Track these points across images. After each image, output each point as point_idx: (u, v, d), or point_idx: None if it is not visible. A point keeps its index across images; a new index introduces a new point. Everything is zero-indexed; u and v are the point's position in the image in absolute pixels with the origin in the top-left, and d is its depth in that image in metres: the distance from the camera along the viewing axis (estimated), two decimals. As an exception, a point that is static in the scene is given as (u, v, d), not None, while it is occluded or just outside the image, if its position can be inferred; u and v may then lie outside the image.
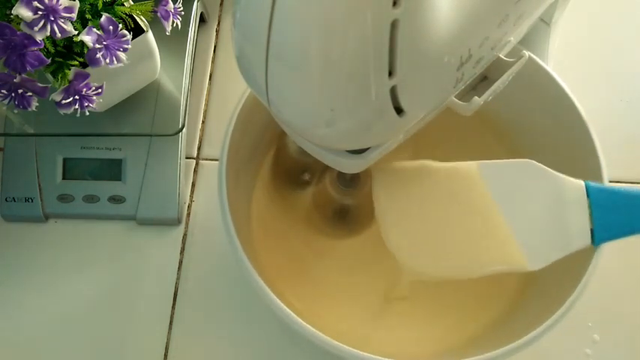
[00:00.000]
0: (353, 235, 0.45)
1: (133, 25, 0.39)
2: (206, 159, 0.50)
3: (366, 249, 0.44)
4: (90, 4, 0.36)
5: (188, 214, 0.48)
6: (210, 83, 0.52)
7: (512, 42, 0.30)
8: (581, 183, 0.34)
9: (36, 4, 0.32)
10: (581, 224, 0.33)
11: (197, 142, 0.50)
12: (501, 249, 0.34)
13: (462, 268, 0.34)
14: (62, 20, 0.33)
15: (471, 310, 0.41)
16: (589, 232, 0.33)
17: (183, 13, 0.41)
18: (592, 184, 0.34)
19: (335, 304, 0.42)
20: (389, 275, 0.43)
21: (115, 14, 0.37)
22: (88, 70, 0.37)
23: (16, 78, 0.35)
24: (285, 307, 0.32)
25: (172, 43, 0.45)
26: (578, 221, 0.33)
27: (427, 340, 0.41)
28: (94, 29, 0.35)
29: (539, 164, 0.34)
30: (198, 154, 0.50)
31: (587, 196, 0.33)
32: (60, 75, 0.36)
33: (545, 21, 0.44)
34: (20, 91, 0.36)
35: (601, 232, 0.33)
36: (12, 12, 0.32)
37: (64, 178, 0.46)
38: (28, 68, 0.34)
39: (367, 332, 0.41)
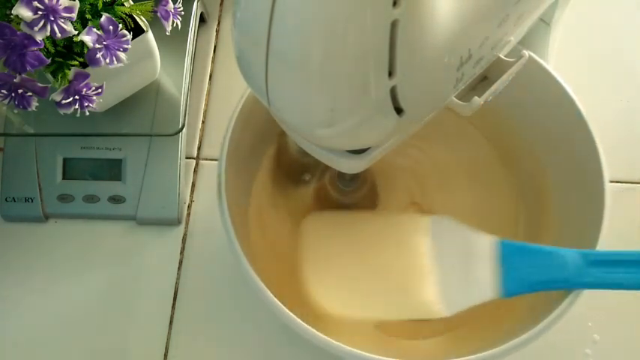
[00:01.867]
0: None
1: (133, 25, 0.39)
2: (206, 159, 0.50)
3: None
4: (90, 4, 0.36)
5: (188, 214, 0.48)
6: (210, 83, 0.52)
7: (512, 42, 0.30)
8: (492, 240, 0.36)
9: (36, 4, 0.32)
10: (488, 277, 0.35)
11: (197, 142, 0.50)
12: (421, 298, 0.36)
13: (383, 314, 0.38)
14: (62, 20, 0.33)
15: (470, 308, 0.41)
16: (497, 285, 0.35)
17: (183, 13, 0.41)
18: (506, 242, 0.36)
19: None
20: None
21: (115, 14, 0.37)
22: (88, 70, 0.37)
23: (16, 78, 0.35)
24: (284, 307, 0.32)
25: (172, 43, 0.45)
26: (486, 275, 0.35)
27: (425, 339, 0.41)
28: (94, 29, 0.35)
29: (454, 221, 0.37)
30: (198, 154, 0.50)
31: (500, 252, 0.35)
32: (60, 75, 0.36)
33: (545, 21, 0.44)
34: (20, 91, 0.36)
35: (509, 286, 0.35)
36: (12, 12, 0.32)
37: (64, 178, 0.46)
38: (28, 68, 0.34)
39: (368, 331, 0.41)
